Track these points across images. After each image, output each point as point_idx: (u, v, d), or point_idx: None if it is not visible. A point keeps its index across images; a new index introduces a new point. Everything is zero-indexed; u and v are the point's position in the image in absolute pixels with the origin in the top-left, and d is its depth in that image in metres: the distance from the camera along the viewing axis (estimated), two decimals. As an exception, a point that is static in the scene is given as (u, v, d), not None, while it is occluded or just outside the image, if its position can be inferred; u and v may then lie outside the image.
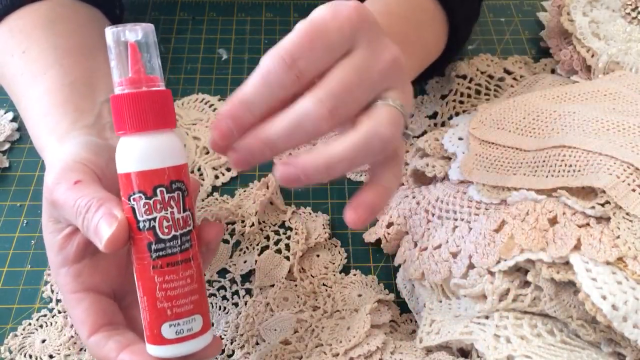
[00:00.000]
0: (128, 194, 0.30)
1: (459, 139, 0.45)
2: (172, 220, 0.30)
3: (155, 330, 0.31)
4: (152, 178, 0.30)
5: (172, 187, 0.30)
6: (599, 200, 0.36)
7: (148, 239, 0.30)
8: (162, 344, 0.31)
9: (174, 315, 0.31)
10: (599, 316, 0.32)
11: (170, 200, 0.30)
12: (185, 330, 0.31)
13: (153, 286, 0.30)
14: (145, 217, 0.30)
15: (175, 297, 0.31)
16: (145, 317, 0.31)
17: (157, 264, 0.30)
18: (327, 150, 0.30)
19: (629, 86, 0.46)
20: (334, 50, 0.30)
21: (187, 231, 0.31)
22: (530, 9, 0.69)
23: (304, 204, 0.51)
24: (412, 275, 0.42)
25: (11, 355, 0.41)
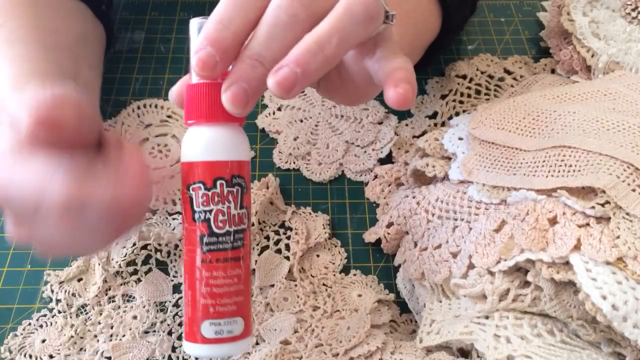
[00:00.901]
0: (188, 183, 0.30)
1: (459, 139, 0.45)
2: (227, 215, 0.30)
3: (195, 327, 0.30)
4: (214, 169, 0.29)
5: (232, 182, 0.30)
6: (599, 200, 0.36)
7: (202, 231, 0.30)
8: (201, 343, 0.30)
9: (216, 314, 0.30)
10: (599, 316, 0.32)
11: (229, 195, 0.30)
12: (226, 331, 0.30)
13: (200, 280, 0.30)
14: (202, 208, 0.29)
15: (220, 295, 0.30)
16: (187, 312, 0.31)
17: (207, 258, 0.30)
18: (312, 31, 0.28)
19: (629, 86, 0.46)
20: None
21: (241, 229, 0.31)
22: (530, 9, 0.69)
23: (304, 204, 0.51)
24: (412, 275, 0.42)
25: (11, 355, 0.41)
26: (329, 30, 0.28)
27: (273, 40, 0.28)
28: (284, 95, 0.27)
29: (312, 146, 0.54)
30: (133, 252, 0.45)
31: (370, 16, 0.29)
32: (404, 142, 0.54)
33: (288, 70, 0.27)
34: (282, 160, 0.54)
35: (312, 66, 0.27)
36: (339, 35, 0.28)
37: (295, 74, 0.27)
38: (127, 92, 0.58)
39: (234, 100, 0.28)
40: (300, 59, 0.27)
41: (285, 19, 0.28)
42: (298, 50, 0.27)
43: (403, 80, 0.29)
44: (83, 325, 0.43)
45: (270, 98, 0.58)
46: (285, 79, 0.27)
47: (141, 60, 0.62)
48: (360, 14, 0.28)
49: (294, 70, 0.27)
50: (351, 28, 0.28)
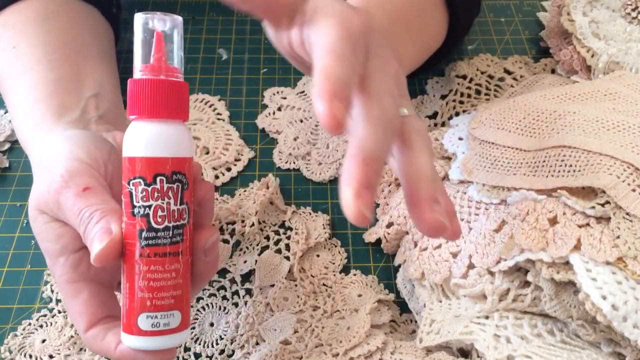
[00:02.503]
0: (128, 177, 0.30)
1: (459, 139, 0.45)
2: (167, 211, 0.30)
3: (132, 320, 0.31)
4: (154, 165, 0.30)
5: (172, 178, 0.30)
6: (599, 200, 0.36)
7: (140, 225, 0.30)
8: (136, 335, 0.31)
9: (152, 307, 0.30)
10: (599, 316, 0.32)
11: (168, 191, 0.30)
12: (162, 324, 0.31)
13: (137, 274, 0.30)
14: (141, 203, 0.30)
15: (157, 289, 0.30)
16: (124, 304, 0.31)
17: (145, 252, 0.30)
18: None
19: (629, 86, 0.46)
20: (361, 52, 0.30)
21: (180, 224, 0.31)
22: (530, 9, 0.69)
23: (304, 204, 0.51)
24: (412, 275, 0.42)
25: (11, 355, 0.41)
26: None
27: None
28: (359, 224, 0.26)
29: (312, 146, 0.54)
30: (133, 252, 0.45)
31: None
32: (404, 142, 0.54)
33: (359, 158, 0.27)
34: (282, 160, 0.54)
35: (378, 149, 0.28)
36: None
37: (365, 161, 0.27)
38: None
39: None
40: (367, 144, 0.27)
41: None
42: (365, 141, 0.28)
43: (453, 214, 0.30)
44: (83, 325, 0.43)
45: (270, 98, 0.58)
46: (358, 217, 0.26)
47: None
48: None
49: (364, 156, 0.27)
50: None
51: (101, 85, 0.47)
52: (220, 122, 0.56)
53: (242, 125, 0.56)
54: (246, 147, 0.54)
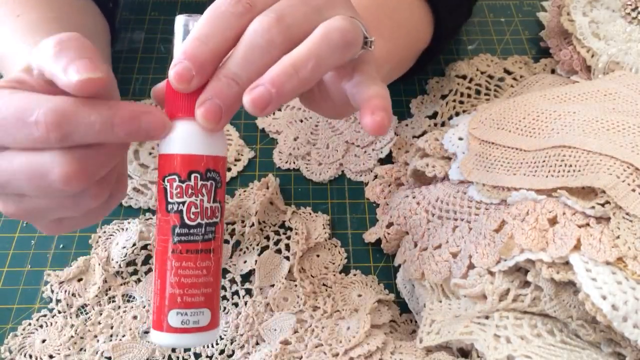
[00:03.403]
0: (163, 174, 0.30)
1: (459, 139, 0.45)
2: (200, 208, 0.30)
3: (162, 316, 0.31)
4: (189, 162, 0.30)
5: (206, 176, 0.30)
6: (599, 200, 0.36)
7: (174, 221, 0.30)
8: (167, 332, 0.31)
9: (183, 304, 0.31)
10: (599, 316, 0.32)
11: (202, 188, 0.30)
12: (192, 322, 0.31)
13: (168, 270, 0.31)
14: (175, 199, 0.30)
15: (188, 286, 0.31)
16: (155, 300, 0.31)
17: (177, 249, 0.30)
18: (290, 54, 0.29)
19: (629, 86, 0.46)
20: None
21: (213, 222, 0.31)
22: (530, 9, 0.69)
23: (304, 204, 0.51)
24: (412, 275, 0.42)
25: (11, 355, 0.41)
26: (305, 54, 0.29)
27: (249, 62, 0.29)
28: (258, 113, 0.28)
29: (312, 146, 0.54)
30: (133, 252, 0.45)
31: (347, 43, 0.30)
32: (404, 142, 0.54)
33: (263, 89, 0.28)
34: (282, 160, 0.54)
35: (286, 87, 0.28)
36: (315, 59, 0.29)
37: (270, 93, 0.28)
38: (127, 92, 0.58)
39: (207, 116, 0.29)
40: (275, 79, 0.28)
41: (262, 42, 0.29)
42: (274, 72, 0.28)
43: (379, 108, 0.30)
44: (83, 325, 0.43)
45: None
46: (260, 98, 0.28)
47: (141, 60, 0.62)
48: (338, 40, 0.29)
49: (269, 90, 0.28)
50: (328, 53, 0.29)
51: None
52: (220, 122, 0.56)
53: (242, 125, 0.56)
54: (246, 147, 0.54)
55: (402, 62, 0.50)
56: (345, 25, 0.30)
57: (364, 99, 0.31)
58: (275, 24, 0.29)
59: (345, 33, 0.30)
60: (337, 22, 0.30)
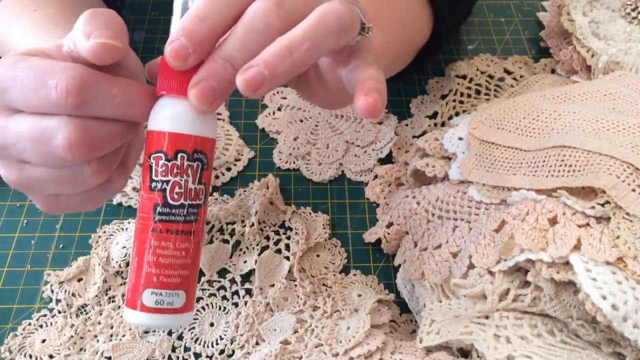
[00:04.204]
0: (150, 151, 0.30)
1: (459, 139, 0.45)
2: (184, 188, 0.30)
3: (137, 294, 0.30)
4: (176, 141, 0.30)
5: (193, 156, 0.30)
6: (599, 200, 0.36)
7: (156, 200, 0.30)
8: (140, 310, 0.30)
9: (159, 284, 0.30)
10: (599, 316, 0.32)
11: (188, 169, 0.30)
12: (166, 302, 0.30)
13: (147, 248, 0.30)
14: (159, 177, 0.30)
15: (165, 266, 0.30)
16: (131, 278, 0.31)
17: (157, 227, 0.30)
18: (285, 35, 0.29)
19: (629, 86, 0.46)
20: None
21: (195, 204, 0.31)
22: (530, 9, 0.69)
23: (304, 204, 0.51)
24: (412, 275, 0.42)
25: (11, 355, 0.41)
26: (300, 36, 0.28)
27: (246, 45, 0.29)
28: (251, 94, 0.28)
29: (312, 146, 0.54)
30: (133, 252, 0.45)
31: (343, 27, 0.30)
32: (404, 142, 0.54)
33: (257, 70, 0.28)
34: (282, 160, 0.54)
35: (280, 69, 0.28)
36: (310, 42, 0.28)
37: (263, 74, 0.28)
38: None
39: (200, 96, 0.29)
40: (269, 61, 0.28)
41: (260, 26, 0.29)
42: (268, 53, 0.28)
43: (373, 90, 0.30)
44: (83, 325, 0.43)
45: (270, 98, 0.58)
46: (253, 79, 0.28)
47: (141, 60, 0.62)
48: (333, 24, 0.29)
49: (262, 71, 0.28)
50: (323, 37, 0.29)
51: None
52: (220, 122, 0.56)
53: (242, 125, 0.56)
54: (246, 147, 0.54)
55: (400, 56, 0.50)
56: (341, 9, 0.29)
57: (359, 80, 0.31)
58: (274, 7, 0.29)
59: (342, 16, 0.29)
60: (333, 5, 0.29)
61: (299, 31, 0.28)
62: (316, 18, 0.29)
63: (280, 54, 0.28)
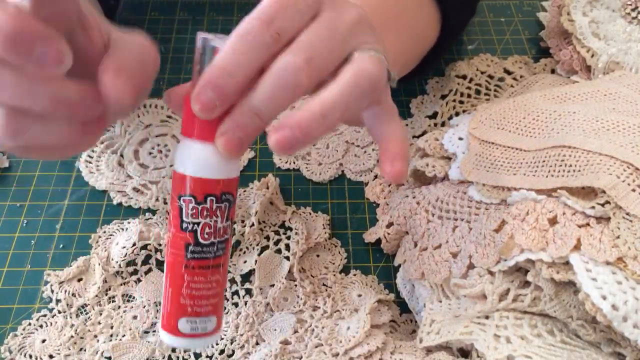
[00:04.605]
0: (179, 193, 0.31)
1: (459, 139, 0.45)
2: (213, 228, 0.31)
3: (172, 322, 0.32)
4: (206, 186, 0.30)
5: (221, 198, 0.31)
6: (599, 200, 0.36)
7: (187, 240, 0.31)
8: (176, 335, 0.32)
9: (193, 313, 0.32)
10: (599, 316, 0.32)
11: (217, 210, 0.31)
12: (200, 328, 0.32)
13: (181, 283, 0.31)
14: (190, 219, 0.30)
15: (199, 297, 0.32)
16: (166, 305, 0.32)
17: (190, 265, 0.31)
18: (319, 98, 0.29)
19: (629, 86, 0.46)
20: (304, 13, 0.30)
21: (224, 239, 0.32)
22: (530, 9, 0.69)
23: (304, 204, 0.51)
24: (412, 275, 0.42)
25: (11, 355, 0.41)
26: (333, 101, 0.29)
27: (274, 100, 0.29)
28: (281, 153, 0.29)
29: (312, 146, 0.54)
30: (133, 252, 0.45)
31: (375, 88, 0.30)
32: (404, 142, 0.54)
33: (290, 133, 0.28)
34: (282, 160, 0.54)
35: (313, 133, 0.29)
36: (344, 107, 0.29)
37: (296, 137, 0.28)
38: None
39: (227, 146, 0.29)
40: (304, 125, 0.28)
41: (288, 84, 0.29)
42: (303, 117, 0.28)
43: (399, 157, 0.31)
44: (83, 325, 0.43)
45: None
46: (286, 140, 0.28)
47: (141, 60, 0.62)
48: (367, 87, 0.30)
49: (296, 134, 0.28)
50: (355, 100, 0.30)
51: None
52: (220, 122, 0.56)
53: (242, 125, 0.56)
54: (246, 147, 0.54)
55: (408, 62, 0.50)
56: (373, 70, 0.30)
57: (383, 139, 0.32)
58: (304, 65, 0.29)
59: (374, 79, 0.30)
60: (366, 66, 0.30)
61: (332, 96, 0.29)
62: (349, 82, 0.29)
63: (315, 119, 0.28)
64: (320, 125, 0.29)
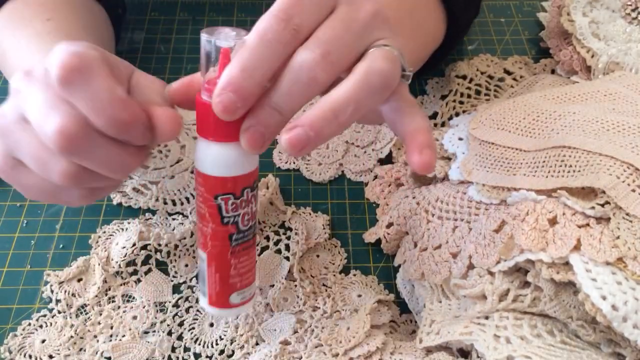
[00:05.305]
0: (216, 193, 0.32)
1: (459, 139, 0.45)
2: (251, 214, 0.34)
3: (224, 298, 0.35)
4: (242, 182, 0.32)
5: (253, 186, 0.33)
6: (599, 200, 0.36)
7: (230, 231, 0.33)
8: (228, 307, 0.35)
9: (242, 286, 0.35)
10: (599, 316, 0.32)
11: (252, 198, 0.33)
12: (248, 295, 0.36)
13: (228, 267, 0.34)
14: (231, 214, 0.33)
15: (244, 273, 0.35)
16: (214, 287, 0.35)
17: (236, 250, 0.34)
18: (330, 97, 0.29)
19: (629, 86, 0.46)
20: (321, 7, 0.30)
21: (256, 219, 0.35)
22: (530, 9, 0.69)
23: (304, 204, 0.51)
24: (412, 275, 0.42)
25: (11, 355, 0.41)
26: (345, 99, 0.29)
27: (292, 95, 0.29)
28: (294, 153, 0.29)
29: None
30: (133, 252, 0.45)
31: (387, 86, 0.30)
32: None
33: (302, 132, 0.28)
34: (282, 160, 0.54)
35: (325, 132, 0.29)
36: (355, 105, 0.29)
37: (308, 136, 0.28)
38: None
39: (251, 142, 0.30)
40: (315, 124, 0.28)
41: (306, 80, 0.29)
42: (314, 116, 0.29)
43: (426, 146, 0.31)
44: (83, 325, 0.43)
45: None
46: (298, 140, 0.29)
47: (141, 60, 0.62)
48: (378, 85, 0.30)
49: (308, 133, 0.28)
50: (367, 98, 0.30)
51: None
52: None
53: (242, 126, 0.56)
54: (246, 147, 0.54)
55: (417, 62, 0.50)
56: (385, 68, 0.30)
57: (408, 132, 0.31)
58: (320, 60, 0.29)
59: (386, 76, 0.30)
60: (378, 63, 0.30)
61: (343, 93, 0.29)
62: (361, 80, 0.29)
63: (326, 117, 0.29)
64: (331, 124, 0.29)
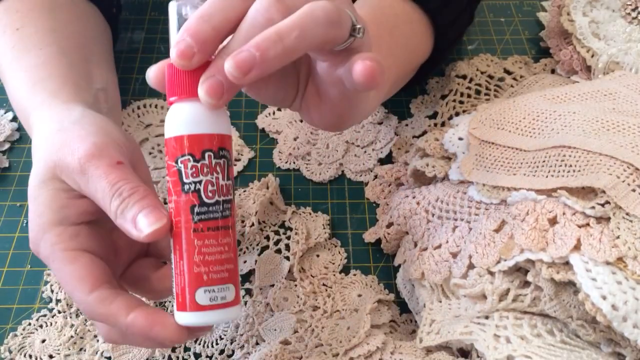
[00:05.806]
0: (176, 156, 0.31)
1: (459, 139, 0.45)
2: (216, 186, 0.31)
3: (189, 296, 0.31)
4: (202, 142, 0.31)
5: (219, 154, 0.31)
6: (599, 200, 0.36)
7: (192, 201, 0.30)
8: (195, 310, 0.31)
9: (209, 281, 0.31)
10: (599, 316, 0.32)
11: (216, 166, 0.31)
12: (219, 298, 0.31)
13: (192, 249, 0.30)
14: (191, 179, 0.30)
15: (212, 263, 0.31)
16: (179, 282, 0.31)
17: (199, 227, 0.30)
18: (275, 24, 0.29)
19: (629, 86, 0.46)
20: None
21: (228, 199, 0.31)
22: (530, 9, 0.69)
23: (304, 204, 0.51)
24: (412, 275, 0.42)
25: (11, 355, 0.41)
26: (289, 24, 0.29)
27: (250, 39, 0.29)
28: (241, 77, 0.28)
29: (312, 146, 0.54)
30: (133, 252, 0.45)
31: (330, 20, 0.30)
32: (404, 142, 0.54)
33: (247, 53, 0.28)
34: (282, 160, 0.54)
35: (270, 53, 0.28)
36: (299, 30, 0.29)
37: (253, 57, 0.28)
38: (127, 92, 0.58)
39: (209, 92, 0.29)
40: (260, 44, 0.28)
41: (262, 21, 0.29)
42: (259, 37, 0.29)
43: (370, 58, 0.31)
44: (83, 325, 0.43)
45: (270, 98, 0.58)
46: (243, 61, 0.28)
47: (141, 60, 0.62)
48: (321, 16, 0.30)
49: (253, 53, 0.28)
50: (311, 27, 0.30)
51: (107, 82, 0.47)
52: (220, 122, 0.56)
53: (242, 125, 0.56)
54: (246, 147, 0.54)
55: (401, 78, 0.50)
56: (329, 6, 0.30)
57: (354, 58, 0.31)
58: (275, 2, 0.29)
59: (329, 12, 0.30)
60: (322, 2, 0.30)
61: (287, 21, 0.29)
62: (304, 11, 0.30)
63: (271, 38, 0.29)
64: (277, 45, 0.28)
